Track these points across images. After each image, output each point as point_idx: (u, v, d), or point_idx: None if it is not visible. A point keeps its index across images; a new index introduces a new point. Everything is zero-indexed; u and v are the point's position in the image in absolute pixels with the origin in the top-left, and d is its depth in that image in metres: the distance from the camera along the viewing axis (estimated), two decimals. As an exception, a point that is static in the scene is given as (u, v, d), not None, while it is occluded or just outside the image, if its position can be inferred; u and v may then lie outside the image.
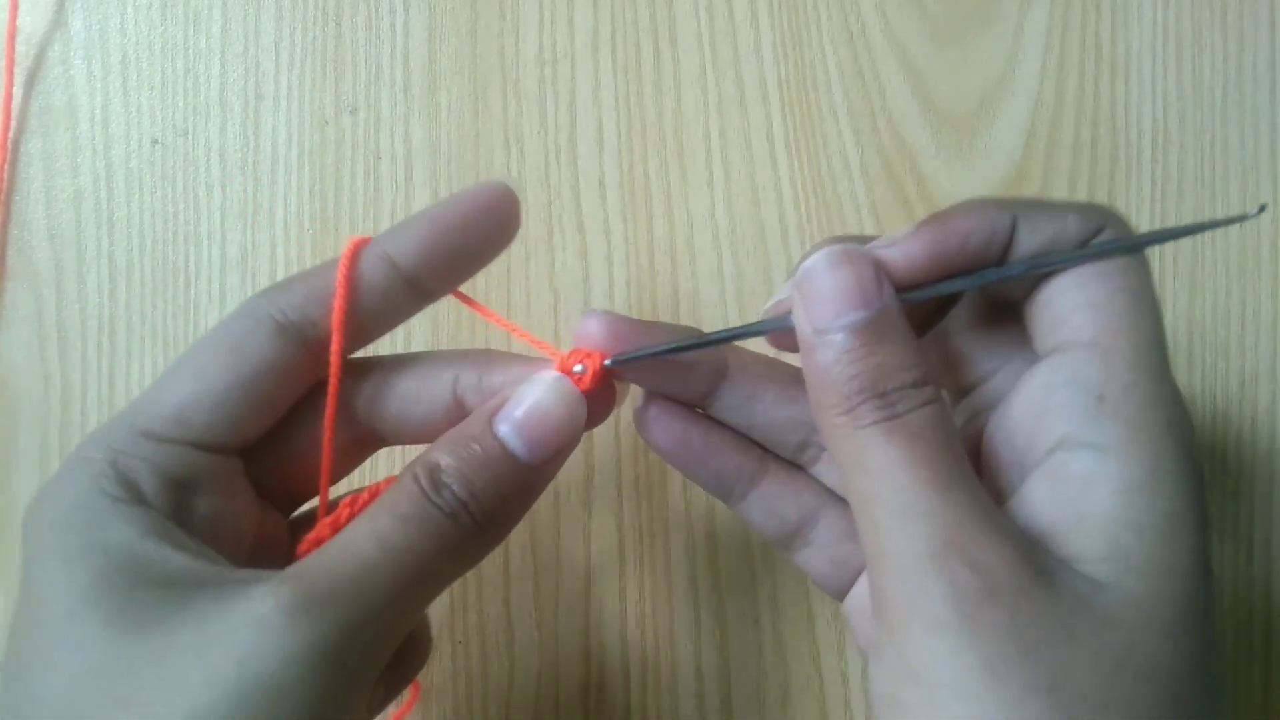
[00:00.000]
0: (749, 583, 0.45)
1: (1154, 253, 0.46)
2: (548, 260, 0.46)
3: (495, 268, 0.46)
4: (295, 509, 0.35)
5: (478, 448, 0.30)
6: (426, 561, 0.28)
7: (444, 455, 0.29)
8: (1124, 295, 0.28)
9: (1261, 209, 0.29)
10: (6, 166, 0.46)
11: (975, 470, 0.28)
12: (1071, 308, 0.28)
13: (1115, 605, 0.25)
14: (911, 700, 0.25)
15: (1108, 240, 0.29)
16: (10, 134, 0.46)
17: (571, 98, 0.47)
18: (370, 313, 0.31)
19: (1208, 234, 0.46)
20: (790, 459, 0.34)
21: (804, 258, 0.31)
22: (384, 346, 0.46)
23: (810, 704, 0.44)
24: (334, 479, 0.34)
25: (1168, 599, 0.25)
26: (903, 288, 0.29)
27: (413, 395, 0.33)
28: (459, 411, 0.32)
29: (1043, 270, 0.29)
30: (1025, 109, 0.47)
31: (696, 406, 0.34)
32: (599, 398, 0.32)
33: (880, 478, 0.27)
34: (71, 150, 0.47)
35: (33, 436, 0.45)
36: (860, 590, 0.34)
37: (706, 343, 0.32)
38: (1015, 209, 0.29)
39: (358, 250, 0.31)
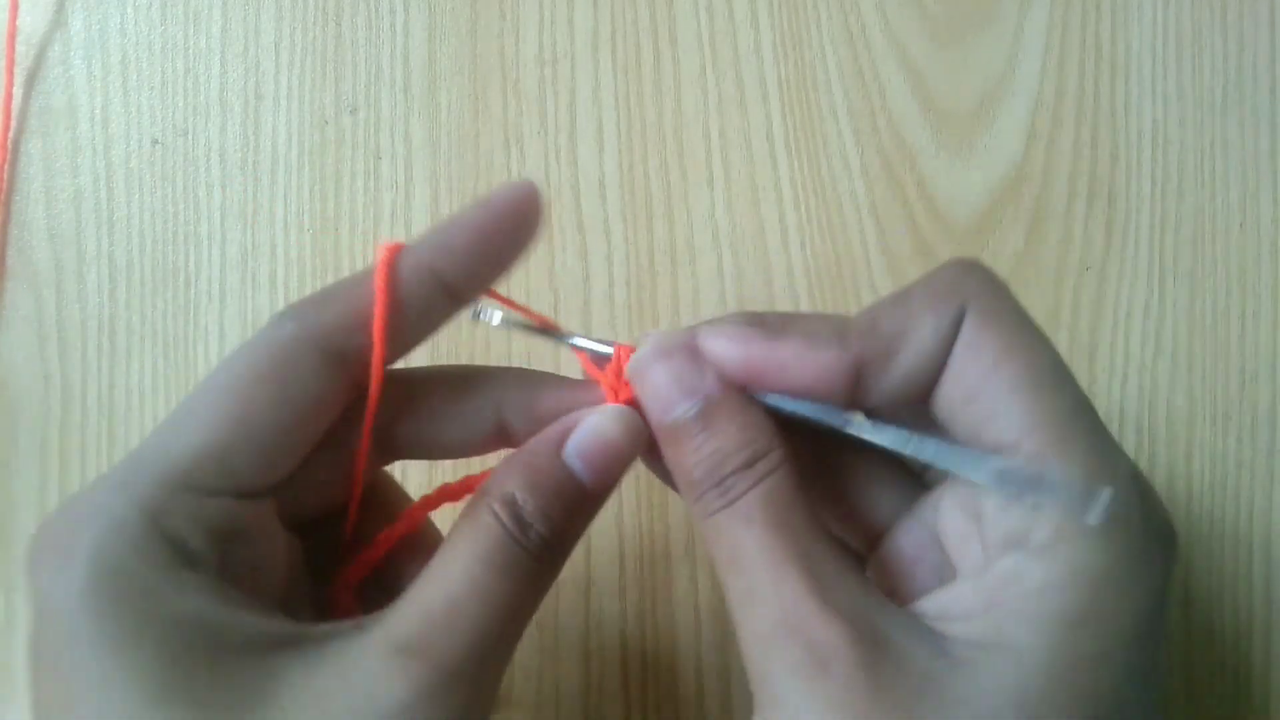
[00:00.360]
0: (749, 583, 0.45)
1: (1154, 253, 0.46)
2: (548, 260, 0.46)
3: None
4: (307, 527, 0.33)
5: (552, 480, 0.29)
6: (523, 608, 0.28)
7: (521, 490, 0.29)
8: (1023, 383, 0.27)
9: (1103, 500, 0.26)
10: (6, 166, 0.46)
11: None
12: (982, 416, 0.27)
13: (971, 686, 0.25)
14: None
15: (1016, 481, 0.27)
16: (10, 134, 0.46)
17: (571, 98, 0.47)
18: (411, 325, 0.30)
19: (1208, 235, 0.46)
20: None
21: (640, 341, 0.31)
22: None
23: (810, 704, 0.44)
24: (349, 495, 0.33)
25: (1037, 685, 0.25)
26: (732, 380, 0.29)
27: (453, 417, 0.31)
28: (501, 435, 0.32)
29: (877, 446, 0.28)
30: (1025, 109, 0.47)
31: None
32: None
33: (727, 565, 0.28)
34: (71, 150, 0.47)
35: (33, 436, 0.45)
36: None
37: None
38: (857, 349, 0.28)
39: (394, 259, 0.29)
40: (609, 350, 0.32)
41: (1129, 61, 0.47)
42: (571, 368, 0.39)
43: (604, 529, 0.45)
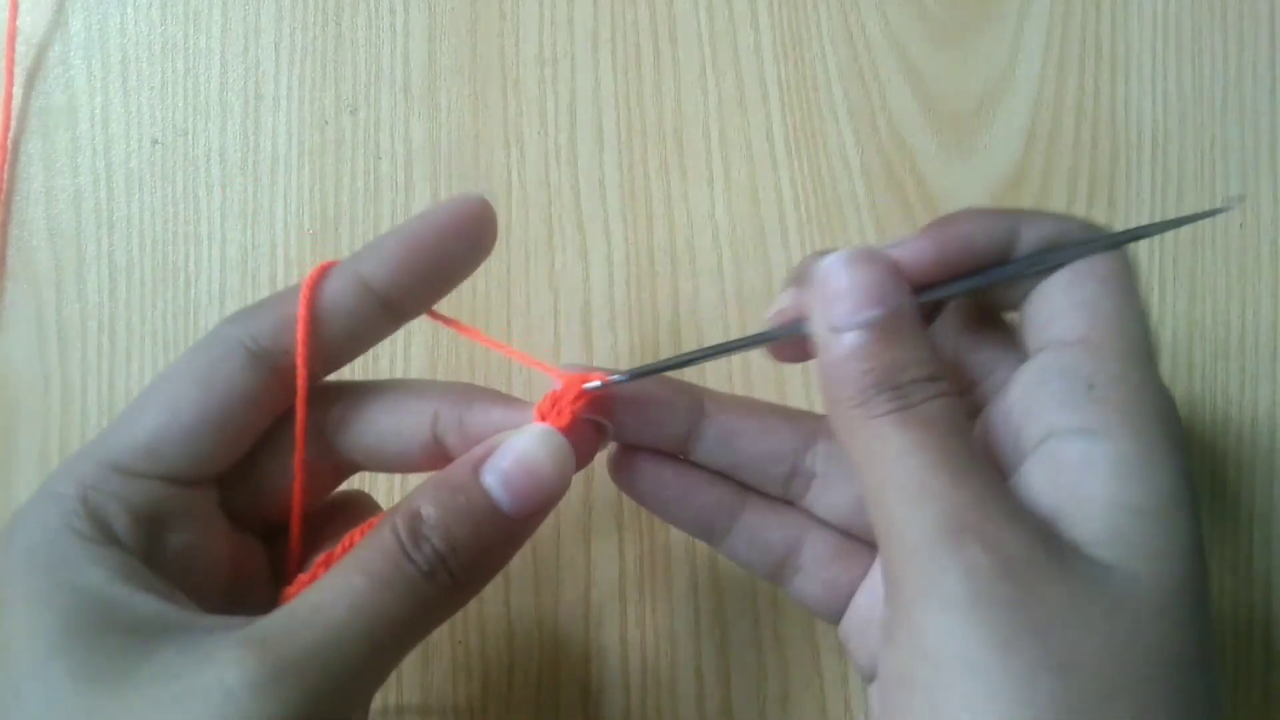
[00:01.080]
0: (749, 583, 0.45)
1: (1153, 254, 0.46)
2: (548, 260, 0.46)
3: (495, 268, 0.46)
4: (272, 534, 0.34)
5: (463, 499, 0.29)
6: (400, 624, 0.27)
7: (427, 505, 0.28)
8: (1112, 295, 0.29)
9: (1241, 198, 0.29)
10: (6, 166, 0.46)
11: None
12: (1062, 308, 0.29)
13: (1122, 588, 0.25)
14: (922, 678, 0.25)
15: (1105, 235, 0.29)
16: (10, 134, 0.46)
17: (571, 98, 0.47)
18: (342, 335, 0.31)
19: (1208, 235, 0.46)
20: (778, 495, 0.34)
21: (803, 264, 0.31)
22: (385, 356, 0.46)
23: (810, 704, 0.44)
24: (310, 503, 0.33)
25: (1170, 583, 0.26)
26: (915, 286, 0.29)
27: (390, 429, 0.32)
28: (436, 449, 0.32)
29: (1043, 268, 0.29)
30: (1025, 109, 0.47)
31: (678, 453, 0.34)
32: (584, 441, 0.32)
33: (893, 463, 0.27)
34: (71, 150, 0.47)
35: (33, 436, 0.45)
36: (856, 610, 0.34)
37: (716, 352, 0.32)
38: (1017, 216, 0.30)
39: (321, 275, 0.30)
40: (556, 383, 0.31)
41: (1129, 61, 0.47)
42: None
43: (604, 529, 0.45)
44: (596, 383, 0.31)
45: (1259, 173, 0.47)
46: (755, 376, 0.45)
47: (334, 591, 0.27)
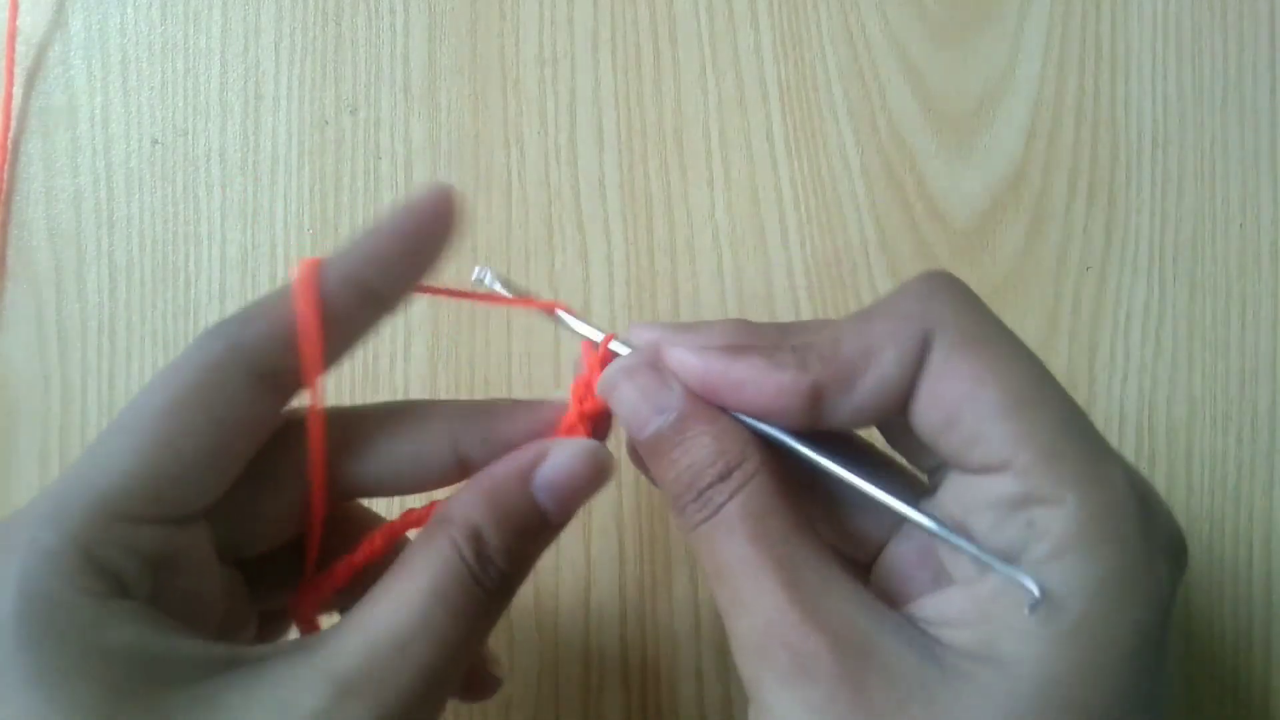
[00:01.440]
0: (749, 583, 0.45)
1: (1154, 253, 0.46)
2: (548, 260, 0.46)
3: (494, 268, 0.46)
4: (250, 564, 0.32)
5: (519, 517, 0.29)
6: (471, 642, 0.28)
7: (489, 525, 0.29)
8: (1003, 401, 0.26)
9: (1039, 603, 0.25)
10: (6, 166, 0.46)
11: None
12: (981, 425, 0.26)
13: (960, 697, 0.25)
14: None
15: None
16: (10, 134, 0.46)
17: (571, 98, 0.47)
18: (337, 337, 0.29)
19: (1208, 235, 0.46)
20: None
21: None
22: (385, 355, 0.46)
23: (810, 704, 0.44)
24: (293, 532, 0.31)
25: (1028, 699, 0.24)
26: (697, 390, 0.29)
27: (409, 455, 0.31)
28: (460, 471, 0.31)
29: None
30: (1025, 109, 0.47)
31: None
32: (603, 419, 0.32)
33: (713, 576, 0.28)
34: (71, 150, 0.47)
35: (33, 436, 0.45)
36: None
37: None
38: (816, 372, 0.27)
39: (314, 274, 0.28)
40: (596, 335, 0.31)
41: (1129, 61, 0.47)
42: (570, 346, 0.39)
43: (604, 529, 0.45)
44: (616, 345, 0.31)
45: (1259, 173, 0.47)
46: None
47: (408, 619, 0.27)
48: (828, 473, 0.28)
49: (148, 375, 0.46)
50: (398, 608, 0.27)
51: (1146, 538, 0.26)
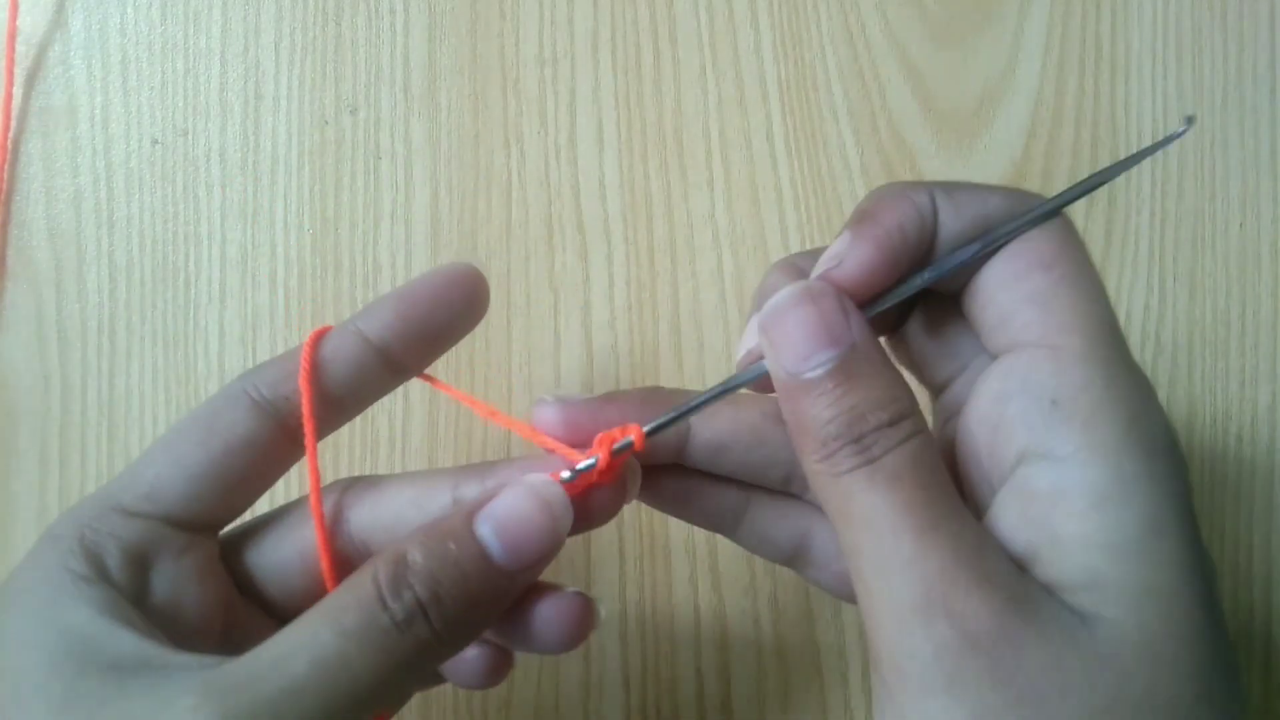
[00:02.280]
0: (749, 583, 0.45)
1: (1153, 253, 0.46)
2: (548, 260, 0.46)
3: (495, 268, 0.46)
4: (281, 616, 0.33)
5: (453, 546, 0.27)
6: (366, 681, 0.26)
7: (415, 550, 0.27)
8: (1066, 286, 0.27)
9: (1190, 120, 0.27)
10: (6, 166, 0.46)
11: (955, 484, 0.27)
12: (1015, 303, 0.27)
13: (1102, 639, 0.24)
14: None
15: (1039, 204, 0.28)
16: (10, 134, 0.46)
17: (571, 98, 0.47)
18: (344, 387, 0.31)
19: (1208, 235, 0.46)
20: (780, 490, 0.34)
21: (762, 289, 0.30)
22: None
23: (810, 704, 0.44)
24: (319, 592, 0.32)
25: (1154, 624, 0.24)
26: (864, 303, 0.28)
27: (412, 509, 0.31)
28: None
29: (995, 247, 0.28)
30: (1025, 109, 0.47)
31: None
32: (614, 486, 0.31)
33: (861, 528, 0.26)
34: (71, 150, 0.47)
35: (33, 436, 0.45)
36: None
37: (706, 400, 0.31)
38: (932, 189, 0.28)
39: (323, 332, 0.31)
40: (587, 461, 0.30)
41: (1129, 61, 0.47)
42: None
43: (604, 529, 0.45)
44: (645, 429, 0.30)
45: (1259, 173, 0.47)
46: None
47: (298, 642, 0.26)
48: (960, 260, 0.28)
49: (148, 375, 0.46)
50: (297, 640, 0.26)
51: (1167, 438, 0.26)
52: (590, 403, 0.31)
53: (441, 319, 0.32)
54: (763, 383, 0.30)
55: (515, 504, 0.28)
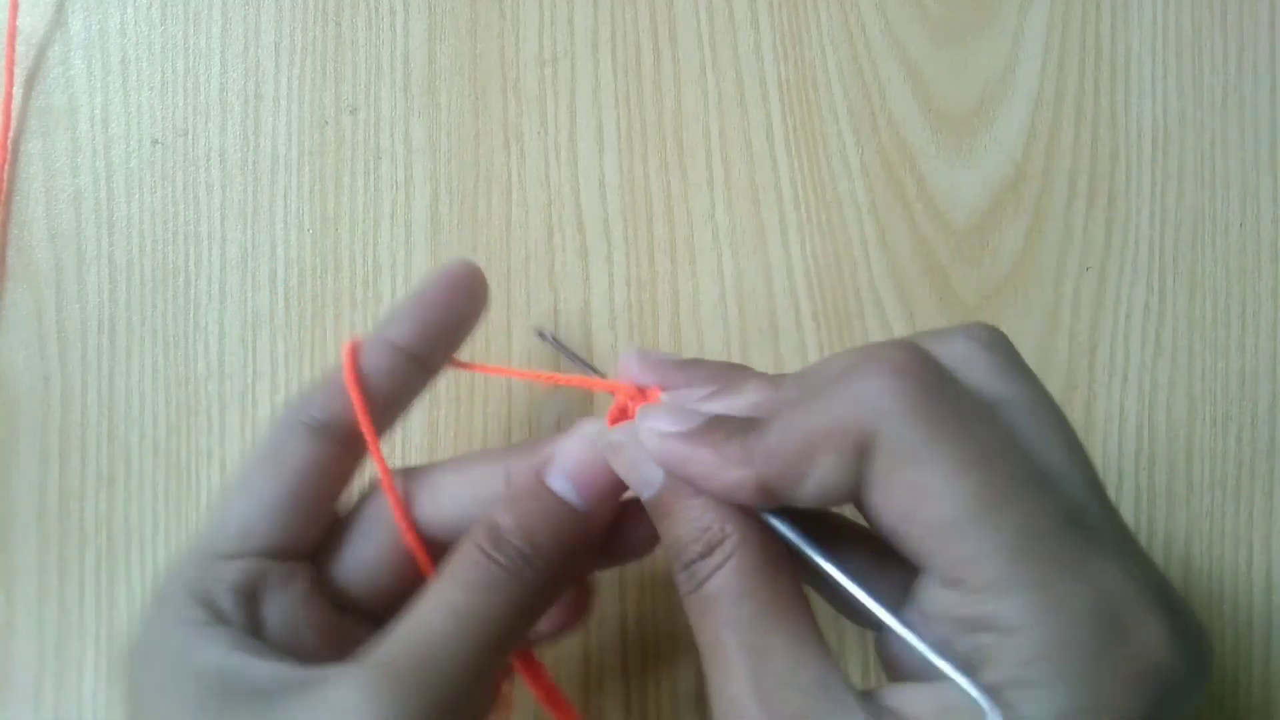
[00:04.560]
0: (749, 583, 0.45)
1: (1154, 253, 0.46)
2: (548, 260, 0.46)
3: (495, 268, 0.46)
4: (380, 621, 0.35)
5: (535, 504, 0.31)
6: (498, 623, 0.29)
7: (502, 515, 0.31)
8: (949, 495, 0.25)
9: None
10: (6, 166, 0.46)
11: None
12: (929, 543, 0.26)
13: None
14: None
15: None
16: (10, 134, 0.46)
17: (571, 98, 0.47)
18: (385, 395, 0.34)
19: (1208, 235, 0.46)
20: None
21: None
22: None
23: (810, 704, 0.44)
24: (405, 589, 0.34)
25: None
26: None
27: (469, 495, 0.34)
28: None
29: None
30: (1025, 109, 0.47)
31: None
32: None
33: (700, 648, 0.28)
34: (71, 150, 0.47)
35: (33, 436, 0.45)
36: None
37: None
38: (759, 468, 0.27)
39: (355, 349, 0.34)
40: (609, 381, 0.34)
41: (1129, 61, 0.47)
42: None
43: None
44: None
45: (1259, 173, 0.47)
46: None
47: (431, 604, 0.29)
48: (810, 559, 0.28)
49: (148, 375, 0.46)
50: (431, 603, 0.29)
51: (1115, 668, 0.24)
52: (667, 361, 0.33)
53: (456, 316, 0.35)
54: None
55: (578, 451, 0.32)
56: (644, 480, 0.30)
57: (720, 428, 0.29)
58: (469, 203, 0.46)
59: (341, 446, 0.33)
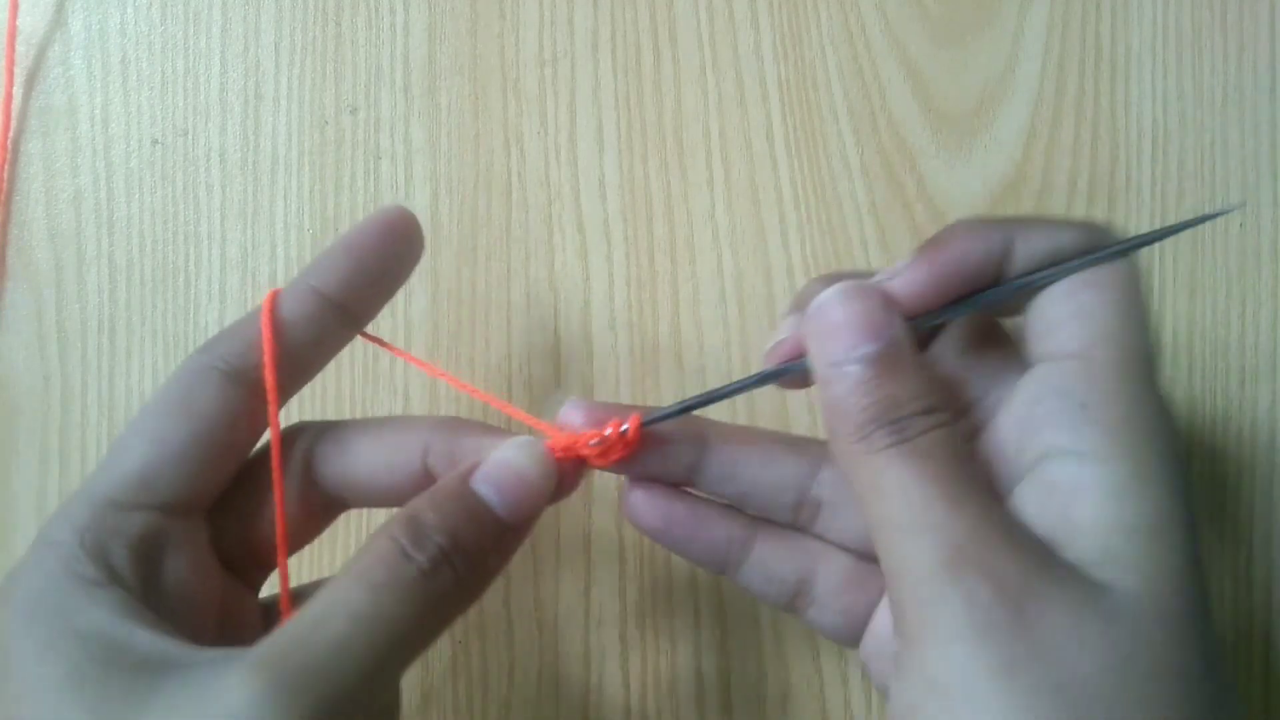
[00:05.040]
0: (749, 583, 0.45)
1: (1154, 253, 0.46)
2: (548, 260, 0.46)
3: (495, 268, 0.46)
4: (262, 581, 0.35)
5: (461, 503, 0.30)
6: (402, 628, 0.27)
7: (426, 511, 0.29)
8: (1111, 305, 0.29)
9: (1242, 204, 0.29)
10: (6, 166, 0.46)
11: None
12: (1060, 319, 0.29)
13: (1118, 606, 0.25)
14: (929, 709, 0.26)
15: (1104, 246, 0.29)
16: (10, 134, 0.46)
17: (571, 98, 0.47)
18: (305, 344, 0.32)
19: (1208, 235, 0.46)
20: (787, 522, 0.35)
21: (803, 291, 0.32)
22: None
23: (810, 704, 0.44)
24: (297, 545, 0.34)
25: (1167, 598, 0.26)
26: (911, 315, 0.30)
27: (381, 462, 0.33)
28: (427, 480, 0.33)
29: (1036, 285, 0.30)
30: (1025, 109, 0.47)
31: (682, 485, 0.35)
32: (569, 473, 0.33)
33: (893, 498, 0.27)
34: (71, 150, 0.47)
35: (33, 436, 0.45)
36: (873, 633, 0.34)
37: (724, 394, 0.33)
38: (1010, 227, 0.30)
39: (276, 296, 0.32)
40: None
41: (1129, 61, 0.47)
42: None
43: (604, 529, 0.45)
44: (644, 421, 0.33)
45: (1259, 173, 0.47)
46: (759, 405, 0.45)
47: (333, 603, 0.27)
48: (1017, 285, 0.30)
49: (148, 375, 0.46)
50: (332, 602, 0.27)
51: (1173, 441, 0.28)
52: (612, 407, 0.33)
53: (388, 264, 0.33)
54: (792, 380, 0.32)
55: (508, 462, 0.31)
56: (874, 332, 0.29)
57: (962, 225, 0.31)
58: (469, 203, 0.46)
59: (254, 396, 0.32)
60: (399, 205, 0.33)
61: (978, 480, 0.28)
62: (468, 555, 0.29)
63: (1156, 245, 0.46)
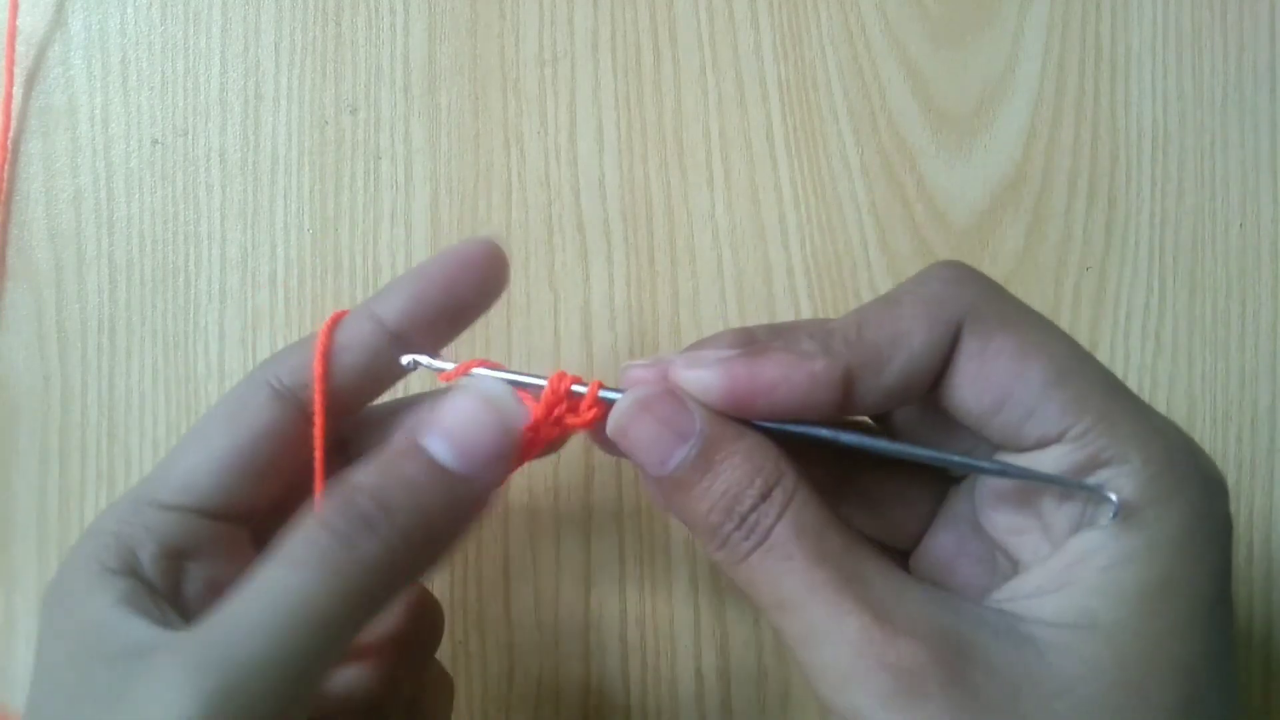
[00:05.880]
0: (749, 583, 0.45)
1: (1154, 253, 0.46)
2: (548, 260, 0.46)
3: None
4: None
5: (401, 463, 0.27)
6: (325, 605, 0.25)
7: (363, 474, 0.27)
8: (1077, 368, 0.27)
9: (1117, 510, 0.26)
10: (6, 166, 0.46)
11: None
12: (1033, 400, 0.27)
13: (1067, 672, 0.25)
14: None
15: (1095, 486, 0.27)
16: (10, 134, 0.46)
17: (571, 98, 0.47)
18: (360, 370, 0.31)
19: (1208, 235, 0.46)
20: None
21: (623, 383, 0.30)
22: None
23: (810, 704, 0.44)
24: None
25: (1135, 660, 0.25)
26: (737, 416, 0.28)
27: (380, 442, 0.32)
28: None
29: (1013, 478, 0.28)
30: (1025, 109, 0.47)
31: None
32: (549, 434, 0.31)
33: (776, 609, 0.26)
34: (71, 150, 0.47)
35: (33, 436, 0.45)
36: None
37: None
38: (845, 357, 0.27)
39: (339, 317, 0.32)
40: (540, 382, 0.30)
41: (1129, 61, 0.47)
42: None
43: (604, 529, 0.45)
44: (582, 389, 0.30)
45: (1259, 173, 0.47)
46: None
47: (253, 589, 0.26)
48: (878, 451, 0.28)
49: (148, 375, 0.46)
50: (246, 577, 0.26)
51: (1207, 483, 0.26)
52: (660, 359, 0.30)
53: (457, 300, 0.32)
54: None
55: (458, 408, 0.28)
56: (679, 436, 0.27)
57: (781, 336, 0.28)
58: (469, 203, 0.46)
59: (304, 416, 0.31)
60: (488, 238, 0.32)
61: (848, 555, 0.26)
62: (401, 519, 0.26)
63: (1157, 244, 0.46)
